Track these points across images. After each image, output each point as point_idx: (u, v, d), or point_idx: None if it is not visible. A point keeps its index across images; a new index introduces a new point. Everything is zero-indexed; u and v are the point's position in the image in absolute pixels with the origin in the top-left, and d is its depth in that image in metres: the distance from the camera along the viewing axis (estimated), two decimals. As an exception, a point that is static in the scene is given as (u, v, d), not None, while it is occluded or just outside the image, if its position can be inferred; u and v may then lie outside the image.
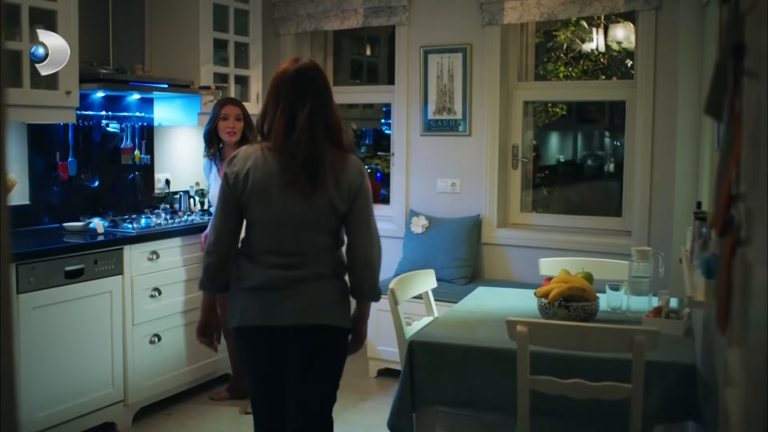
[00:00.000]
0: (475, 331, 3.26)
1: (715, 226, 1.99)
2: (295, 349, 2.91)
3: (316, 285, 2.87)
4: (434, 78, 5.65)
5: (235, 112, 4.82)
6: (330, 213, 2.86)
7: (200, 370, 5.07)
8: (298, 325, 2.85)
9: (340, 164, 2.86)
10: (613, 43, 6.34)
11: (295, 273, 2.85)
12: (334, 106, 2.92)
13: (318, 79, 2.89)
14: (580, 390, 2.76)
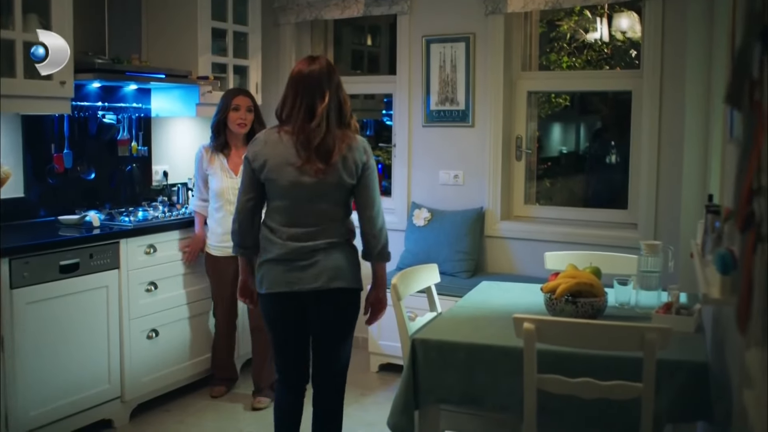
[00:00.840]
0: (480, 328, 3.17)
1: (735, 222, 1.89)
2: (314, 311, 3.35)
3: (331, 253, 3.29)
4: (436, 68, 5.55)
5: (246, 103, 4.75)
6: (339, 187, 3.27)
7: (199, 365, 4.98)
8: (317, 290, 3.27)
9: (348, 144, 3.26)
10: (617, 33, 6.23)
11: (310, 244, 3.27)
12: (344, 95, 3.34)
13: (332, 75, 3.31)
14: (589, 389, 2.67)
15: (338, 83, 3.32)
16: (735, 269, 2.35)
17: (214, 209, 4.76)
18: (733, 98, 1.75)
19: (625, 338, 2.63)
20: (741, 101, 1.79)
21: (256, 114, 4.80)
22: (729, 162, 3.23)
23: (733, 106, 1.88)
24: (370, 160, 3.32)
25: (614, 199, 5.67)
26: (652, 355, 2.58)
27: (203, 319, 4.98)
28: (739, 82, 1.72)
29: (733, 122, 3.01)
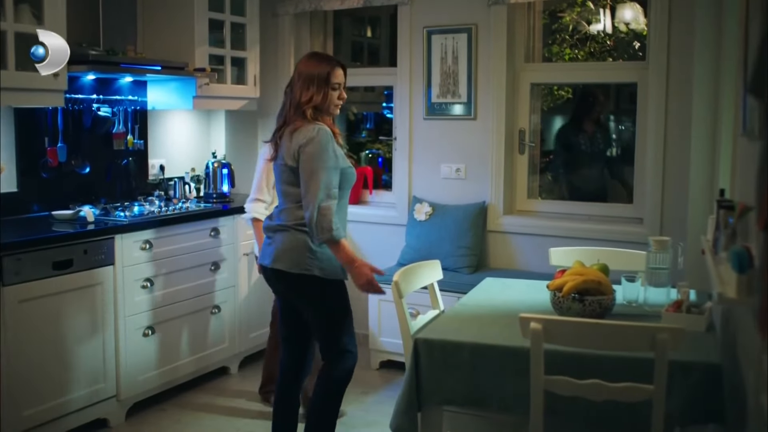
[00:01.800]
0: (484, 327, 3.08)
1: (757, 220, 1.80)
2: (277, 288, 3.69)
3: (280, 235, 3.53)
4: (438, 60, 5.45)
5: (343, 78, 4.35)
6: (286, 169, 3.49)
7: (196, 363, 4.90)
8: (270, 267, 3.56)
9: (296, 129, 3.47)
10: (620, 25, 6.13)
11: (272, 224, 3.59)
12: (297, 87, 3.54)
13: (298, 67, 3.63)
14: (599, 391, 2.58)
15: (297, 74, 3.57)
16: (751, 268, 2.26)
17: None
18: (757, 89, 1.65)
19: (636, 338, 2.54)
20: (764, 93, 1.69)
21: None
22: (741, 156, 3.14)
23: (757, 97, 1.78)
24: (309, 144, 3.40)
25: (619, 193, 5.59)
26: (663, 355, 2.49)
27: (200, 316, 4.89)
28: (764, 71, 1.62)
29: (746, 115, 2.91)
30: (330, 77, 3.54)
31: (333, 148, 3.44)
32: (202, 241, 4.88)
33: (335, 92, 3.58)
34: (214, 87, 5.29)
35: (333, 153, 3.43)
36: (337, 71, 3.59)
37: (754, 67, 1.64)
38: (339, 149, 3.51)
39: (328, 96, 3.55)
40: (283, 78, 5.99)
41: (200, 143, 5.91)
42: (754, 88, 1.65)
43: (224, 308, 5.07)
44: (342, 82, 3.62)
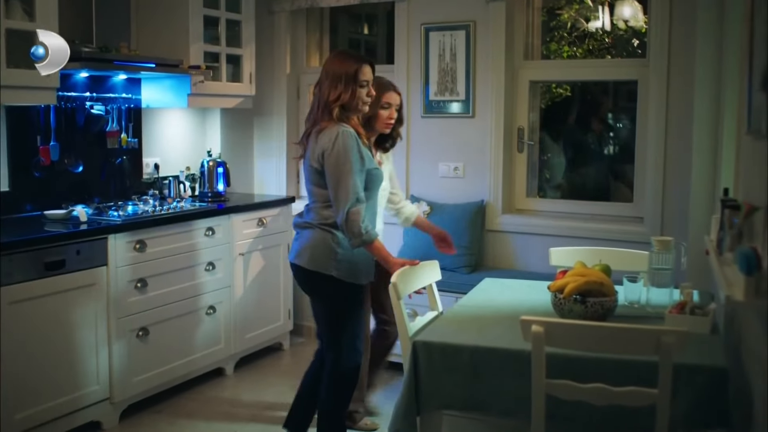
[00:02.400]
0: (484, 329, 3.01)
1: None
2: (298, 283, 3.77)
3: (306, 232, 3.59)
4: (435, 57, 5.39)
5: (397, 101, 4.14)
6: (312, 170, 3.53)
7: (191, 364, 4.83)
8: (292, 263, 3.66)
9: (322, 131, 3.47)
10: (619, 22, 6.07)
11: (300, 221, 3.66)
12: (325, 86, 3.53)
13: (323, 67, 3.60)
14: (602, 395, 2.52)
15: (324, 73, 3.56)
16: (759, 269, 2.21)
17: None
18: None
19: (640, 342, 2.48)
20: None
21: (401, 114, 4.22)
22: (745, 155, 3.08)
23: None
24: (332, 147, 3.41)
25: (619, 192, 5.53)
26: (668, 359, 2.43)
27: (194, 316, 4.82)
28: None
29: (752, 113, 2.85)
30: (358, 75, 3.51)
31: (358, 150, 3.44)
32: (197, 240, 4.81)
33: (363, 90, 3.55)
34: (209, 85, 5.22)
35: (358, 155, 3.43)
36: (365, 68, 3.56)
37: (766, 63, 1.58)
38: (365, 150, 3.50)
39: (357, 94, 3.52)
40: (279, 75, 5.94)
41: (195, 142, 5.84)
42: (767, 84, 1.59)
43: (219, 309, 5.00)
44: (370, 80, 3.59)
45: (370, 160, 3.52)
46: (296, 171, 6.14)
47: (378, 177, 3.58)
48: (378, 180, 3.59)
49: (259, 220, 5.32)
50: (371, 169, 3.51)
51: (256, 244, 5.30)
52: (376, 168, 3.56)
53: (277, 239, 5.50)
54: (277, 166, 6.06)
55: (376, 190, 3.63)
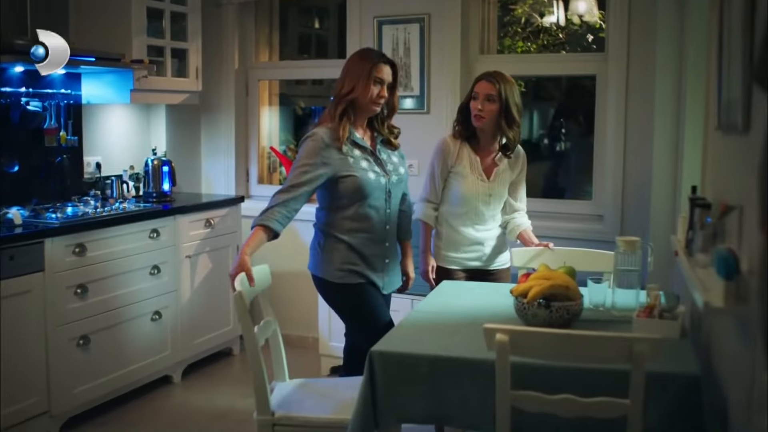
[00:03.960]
0: (445, 337, 2.85)
1: (761, 226, 1.60)
2: None
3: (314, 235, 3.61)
4: (389, 51, 5.21)
5: (486, 90, 3.84)
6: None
7: (136, 373, 4.62)
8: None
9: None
10: (573, 17, 5.98)
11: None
12: (339, 81, 3.49)
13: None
14: (570, 407, 2.37)
15: (344, 71, 3.51)
16: (738, 273, 2.07)
17: (456, 216, 3.99)
18: (761, 77, 1.45)
19: (612, 350, 2.33)
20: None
21: (502, 107, 3.83)
22: (715, 151, 2.96)
23: (762, 86, 1.57)
24: (300, 147, 3.44)
25: (577, 190, 5.43)
26: (640, 368, 2.29)
27: (139, 322, 4.61)
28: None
29: (722, 107, 2.73)
30: (373, 71, 3.40)
31: (321, 154, 3.36)
32: (140, 243, 4.60)
33: (375, 87, 3.42)
34: (153, 80, 5.01)
35: (315, 159, 3.35)
36: (382, 67, 3.45)
37: (760, 55, 1.44)
38: (336, 153, 3.38)
39: (369, 90, 3.40)
40: (227, 71, 5.74)
41: (139, 139, 5.61)
42: (759, 76, 1.44)
43: (165, 314, 4.79)
44: (386, 80, 3.45)
45: (343, 165, 3.39)
46: (245, 170, 5.94)
47: (358, 184, 3.39)
48: (363, 187, 3.40)
49: (206, 221, 5.11)
50: (346, 175, 3.38)
51: (204, 246, 5.09)
52: (350, 174, 3.39)
53: (226, 240, 5.30)
54: (226, 165, 5.85)
55: (360, 201, 3.43)
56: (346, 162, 3.38)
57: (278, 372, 3.43)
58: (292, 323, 5.63)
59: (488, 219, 3.97)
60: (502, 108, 3.81)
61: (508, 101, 3.81)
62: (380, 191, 3.48)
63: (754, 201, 2.01)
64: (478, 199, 3.92)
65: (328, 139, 3.36)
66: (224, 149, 5.84)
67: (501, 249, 4.04)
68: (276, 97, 6.21)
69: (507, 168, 3.98)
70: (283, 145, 6.27)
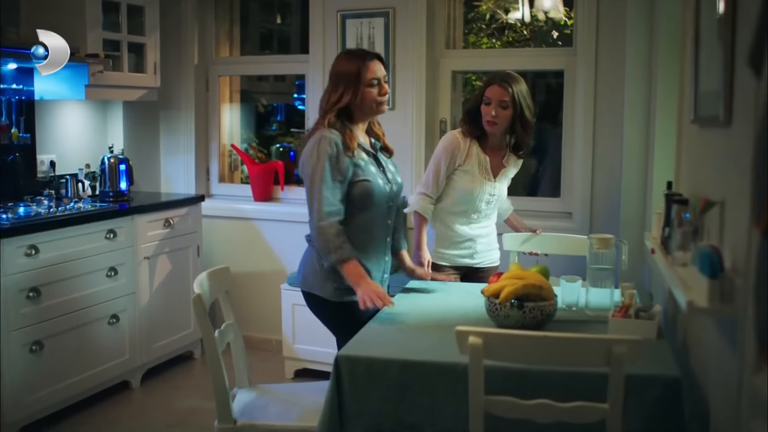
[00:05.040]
0: (414, 340, 2.73)
1: (757, 223, 1.51)
2: None
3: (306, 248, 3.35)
4: (353, 45, 5.10)
5: (499, 96, 3.70)
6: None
7: (92, 379, 4.45)
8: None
9: (309, 137, 3.23)
10: (539, 13, 5.91)
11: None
12: (326, 91, 3.27)
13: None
14: (546, 412, 2.27)
15: (330, 78, 3.29)
16: (722, 272, 1.99)
17: (454, 213, 3.88)
18: (754, 62, 1.35)
19: (589, 352, 2.23)
20: (762, 67, 1.39)
21: (516, 112, 3.71)
22: (691, 145, 2.88)
23: (756, 71, 1.48)
24: (304, 157, 3.18)
25: (544, 187, 5.35)
26: (619, 371, 2.19)
27: (96, 326, 4.44)
28: (762, 42, 1.32)
29: (698, 100, 2.65)
30: (361, 73, 3.18)
31: (333, 160, 3.11)
32: (97, 244, 4.43)
33: (373, 89, 3.21)
34: (109, 75, 4.84)
35: (332, 165, 3.10)
36: (371, 65, 3.22)
37: (754, 40, 1.34)
38: (348, 160, 3.15)
39: (363, 94, 3.19)
40: (186, 66, 5.58)
41: (95, 137, 5.43)
42: (753, 62, 1.35)
43: (123, 317, 4.63)
44: (380, 77, 3.23)
45: (355, 171, 3.17)
46: (206, 168, 5.79)
47: (369, 190, 3.20)
48: (370, 194, 3.21)
49: (165, 220, 4.96)
50: (357, 181, 3.17)
51: (163, 246, 4.94)
52: (366, 180, 3.19)
53: (186, 241, 5.15)
54: (185, 163, 5.69)
55: (370, 208, 3.23)
56: (358, 166, 3.18)
57: (240, 377, 3.30)
58: (255, 325, 5.50)
59: (485, 217, 3.92)
60: (517, 113, 3.70)
61: (522, 105, 3.70)
62: (384, 200, 3.28)
63: (742, 195, 1.92)
64: (482, 198, 3.84)
65: (338, 139, 3.14)
66: (184, 147, 5.69)
67: (491, 246, 3.99)
68: (237, 94, 6.07)
69: (511, 167, 3.94)
70: (245, 143, 6.13)
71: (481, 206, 3.85)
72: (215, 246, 5.59)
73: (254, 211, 5.53)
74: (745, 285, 1.86)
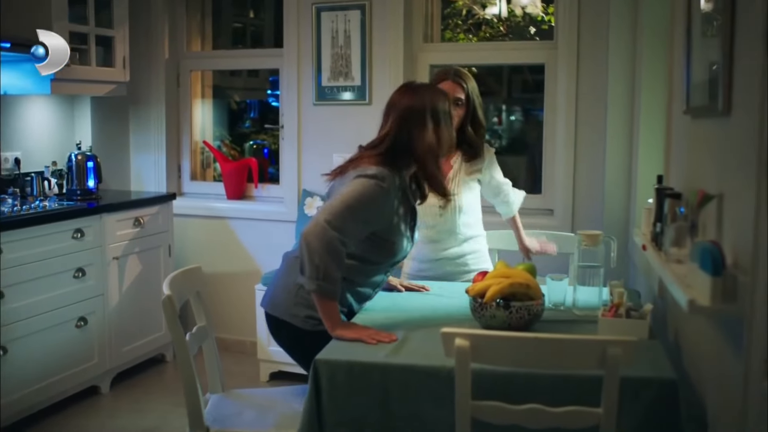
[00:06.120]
0: (396, 343, 2.60)
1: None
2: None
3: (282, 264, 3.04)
4: (328, 40, 4.97)
5: (454, 92, 3.37)
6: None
7: (59, 384, 4.29)
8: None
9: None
10: (516, 8, 5.84)
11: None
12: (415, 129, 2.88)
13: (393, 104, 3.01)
14: (537, 418, 2.15)
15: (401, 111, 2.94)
16: (725, 268, 1.88)
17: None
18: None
19: (583, 355, 2.12)
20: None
21: (469, 110, 3.40)
22: (684, 137, 2.77)
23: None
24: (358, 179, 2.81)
25: (524, 183, 5.26)
26: (615, 373, 2.08)
27: (62, 330, 4.28)
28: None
29: (691, 90, 2.55)
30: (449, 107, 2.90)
31: (382, 203, 2.77)
32: (63, 244, 4.27)
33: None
34: (76, 69, 4.68)
35: (377, 207, 2.77)
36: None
37: None
38: (390, 213, 2.82)
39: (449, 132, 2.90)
40: (156, 61, 5.42)
41: (62, 133, 5.26)
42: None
43: (92, 320, 4.47)
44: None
45: (396, 223, 2.86)
46: (177, 165, 5.64)
47: (393, 252, 2.90)
48: (393, 255, 2.92)
49: (135, 219, 4.80)
50: (384, 237, 2.86)
51: (133, 246, 4.78)
52: (400, 236, 2.89)
53: (157, 240, 4.99)
54: (156, 160, 5.52)
55: (383, 264, 2.94)
56: (392, 221, 2.85)
57: (213, 381, 3.16)
58: (229, 327, 5.35)
59: (448, 234, 3.51)
60: (469, 112, 3.38)
61: (475, 103, 3.38)
62: (400, 258, 3.01)
63: (745, 187, 1.82)
64: (427, 212, 3.40)
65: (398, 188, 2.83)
66: (154, 144, 5.53)
67: (477, 264, 3.57)
68: (209, 89, 5.91)
69: (462, 169, 3.49)
70: (218, 140, 5.98)
71: (428, 221, 3.44)
72: (187, 245, 5.44)
73: (227, 209, 5.39)
74: (751, 283, 1.76)
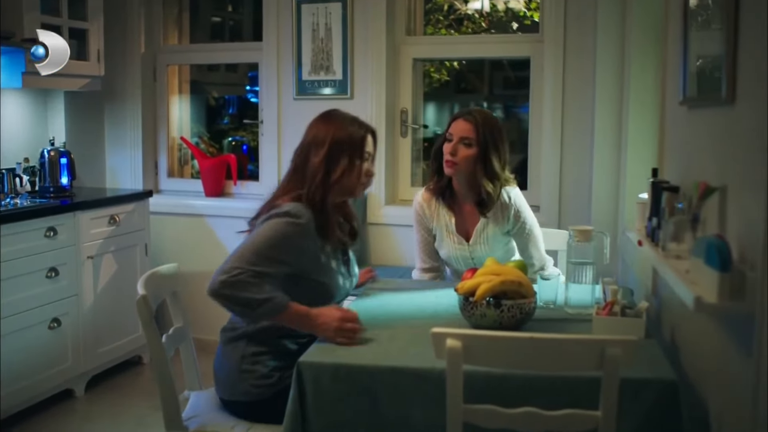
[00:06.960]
0: (383, 343, 2.50)
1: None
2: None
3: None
4: (309, 32, 4.87)
5: (463, 131, 3.22)
6: None
7: (32, 388, 4.16)
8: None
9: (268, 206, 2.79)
10: (499, 3, 5.76)
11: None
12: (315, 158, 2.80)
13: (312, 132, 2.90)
14: (533, 421, 2.05)
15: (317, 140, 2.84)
16: (732, 263, 1.79)
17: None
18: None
19: (581, 355, 2.02)
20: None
21: (481, 150, 3.20)
22: (679, 128, 2.69)
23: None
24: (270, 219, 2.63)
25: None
26: (614, 374, 1.98)
27: (35, 331, 4.15)
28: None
29: (688, 80, 2.46)
30: (364, 143, 2.75)
31: (299, 241, 2.60)
32: (35, 243, 4.13)
33: (366, 163, 2.76)
34: (50, 62, 4.53)
35: (294, 246, 2.59)
36: (368, 137, 2.78)
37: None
38: (312, 252, 2.65)
39: (359, 169, 2.74)
40: (132, 54, 5.29)
41: (34, 129, 5.12)
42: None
43: (65, 321, 4.34)
44: (373, 153, 2.81)
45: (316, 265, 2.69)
46: (154, 162, 5.50)
47: (330, 293, 2.75)
48: (329, 296, 2.74)
49: (111, 217, 4.67)
50: (314, 279, 2.70)
51: (108, 245, 4.65)
52: (324, 282, 2.73)
53: (133, 239, 4.86)
54: (132, 157, 5.40)
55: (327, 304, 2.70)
56: (319, 260, 2.71)
57: (191, 384, 3.03)
58: (207, 327, 5.21)
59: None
60: (480, 154, 3.19)
61: (488, 146, 3.17)
62: (340, 297, 2.85)
63: (752, 179, 1.73)
64: (460, 263, 3.34)
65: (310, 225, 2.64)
66: (130, 140, 5.40)
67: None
68: (187, 84, 5.79)
69: (491, 225, 3.33)
70: (195, 136, 5.86)
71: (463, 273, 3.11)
72: (164, 244, 5.31)
73: (205, 206, 5.27)
74: (760, 278, 1.67)
